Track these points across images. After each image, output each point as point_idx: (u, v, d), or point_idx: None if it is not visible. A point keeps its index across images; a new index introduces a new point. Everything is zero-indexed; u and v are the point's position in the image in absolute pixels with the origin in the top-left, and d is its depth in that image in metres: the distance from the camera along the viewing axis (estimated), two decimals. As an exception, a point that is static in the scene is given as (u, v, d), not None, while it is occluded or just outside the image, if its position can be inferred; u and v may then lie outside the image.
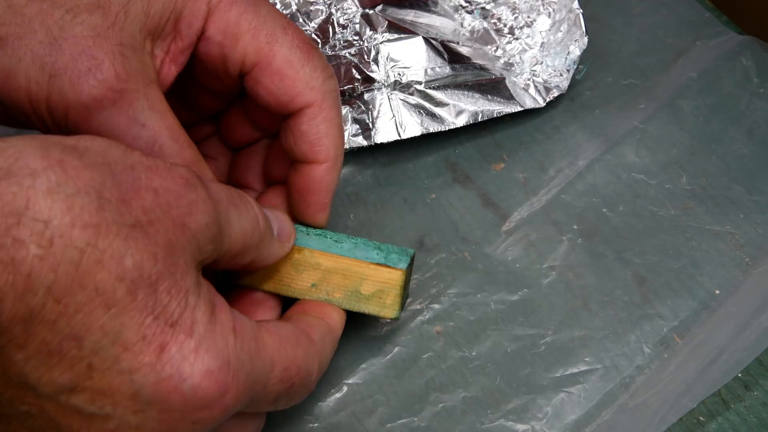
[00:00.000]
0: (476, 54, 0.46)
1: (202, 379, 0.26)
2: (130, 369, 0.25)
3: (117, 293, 0.24)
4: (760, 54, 0.48)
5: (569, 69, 0.46)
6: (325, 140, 0.35)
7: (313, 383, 0.32)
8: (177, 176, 0.27)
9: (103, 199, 0.25)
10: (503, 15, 0.47)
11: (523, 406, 0.37)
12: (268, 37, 0.33)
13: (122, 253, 0.25)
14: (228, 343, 0.27)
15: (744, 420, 0.38)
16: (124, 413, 0.25)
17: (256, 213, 0.31)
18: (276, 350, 0.30)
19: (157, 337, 0.25)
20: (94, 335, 0.24)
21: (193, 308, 0.26)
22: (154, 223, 0.26)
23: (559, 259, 0.41)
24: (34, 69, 0.29)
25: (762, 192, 0.44)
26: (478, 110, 0.45)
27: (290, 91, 0.34)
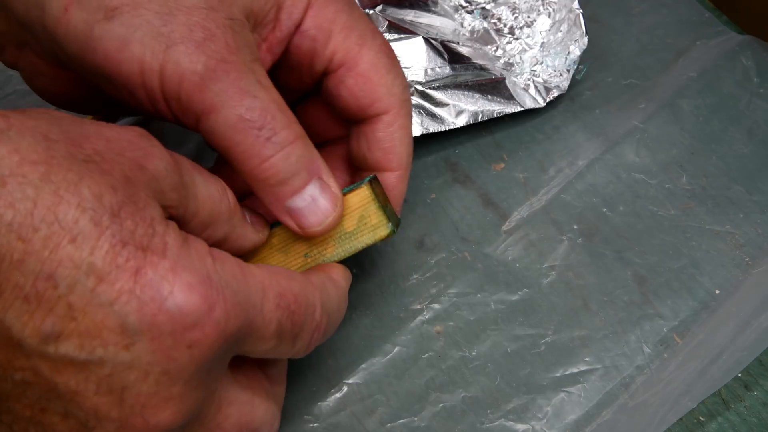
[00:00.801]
0: (476, 54, 0.46)
1: (185, 294, 0.25)
2: (109, 300, 0.24)
3: (80, 223, 0.24)
4: (760, 54, 0.48)
5: (569, 69, 0.46)
6: (399, 148, 0.35)
7: (320, 323, 0.31)
8: (129, 130, 0.27)
9: (50, 141, 0.25)
10: (503, 15, 0.47)
11: (523, 406, 0.37)
12: (358, 39, 0.34)
13: (77, 183, 0.24)
14: (206, 263, 0.26)
15: (744, 420, 0.38)
16: (115, 352, 0.25)
17: (224, 186, 0.30)
18: (266, 278, 0.29)
19: (130, 262, 0.25)
20: (66, 270, 0.24)
21: (162, 234, 0.26)
22: (107, 161, 0.25)
23: (559, 259, 0.41)
24: (149, 38, 0.29)
25: (762, 192, 0.44)
26: (478, 110, 0.45)
27: (372, 95, 0.34)
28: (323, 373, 0.38)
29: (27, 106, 0.45)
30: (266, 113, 0.30)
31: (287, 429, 0.37)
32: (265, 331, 0.28)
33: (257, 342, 0.29)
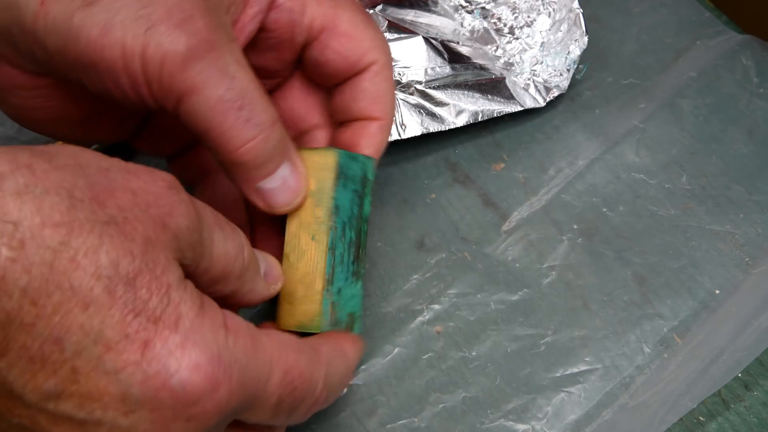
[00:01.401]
0: (476, 54, 0.46)
1: (190, 373, 0.25)
2: (115, 369, 0.24)
3: (94, 291, 0.24)
4: (760, 54, 0.48)
5: (569, 69, 0.46)
6: (385, 98, 0.35)
7: (319, 398, 0.31)
8: (158, 179, 0.27)
9: (74, 199, 0.25)
10: (503, 15, 0.47)
11: (524, 406, 0.37)
12: (331, 2, 0.34)
13: (96, 250, 0.24)
14: (218, 338, 0.26)
15: (744, 420, 0.38)
16: (114, 416, 0.25)
17: (242, 242, 0.30)
18: (275, 352, 0.29)
19: (140, 334, 0.25)
20: (74, 336, 0.24)
21: (177, 303, 0.26)
22: (130, 220, 0.25)
23: (559, 258, 0.41)
24: (130, 21, 0.29)
25: (762, 192, 0.44)
26: (478, 110, 0.45)
27: (359, 50, 0.35)
28: (323, 373, 0.38)
29: (27, 106, 0.45)
30: (246, 94, 0.30)
31: (287, 429, 0.37)
32: (264, 405, 0.29)
33: (254, 414, 0.29)
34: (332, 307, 0.33)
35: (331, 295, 0.33)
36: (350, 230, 0.34)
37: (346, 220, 0.34)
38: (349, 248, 0.34)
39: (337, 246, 0.33)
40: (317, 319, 0.33)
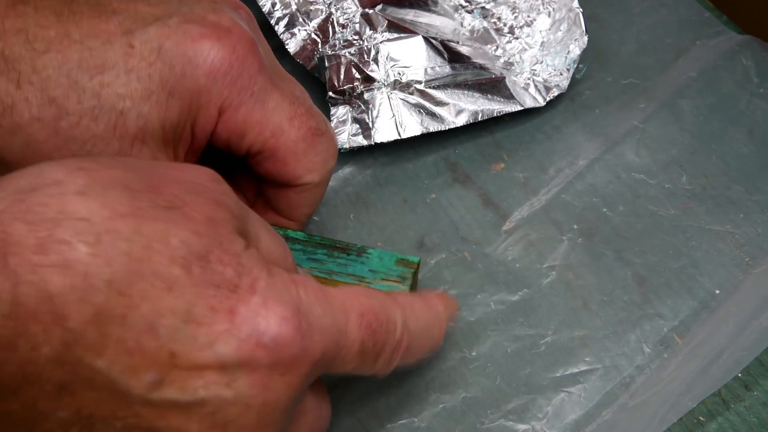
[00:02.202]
0: (476, 53, 0.46)
1: (280, 327, 0.26)
2: (209, 342, 0.25)
3: (174, 273, 0.25)
4: (760, 54, 0.48)
5: (569, 68, 0.46)
6: (305, 210, 0.38)
7: (401, 342, 0.31)
8: (202, 172, 0.28)
9: (132, 191, 0.25)
10: (503, 14, 0.47)
11: (524, 406, 0.37)
12: (272, 132, 0.34)
13: (166, 234, 0.25)
14: (292, 292, 0.27)
15: (744, 420, 0.38)
16: (217, 390, 0.25)
17: (286, 248, 0.31)
18: (346, 298, 0.29)
19: (224, 304, 0.25)
20: (165, 320, 0.24)
21: (250, 269, 0.26)
22: (188, 203, 0.26)
23: (559, 259, 0.41)
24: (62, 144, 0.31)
25: (762, 192, 0.44)
26: (478, 110, 0.45)
27: (290, 175, 0.36)
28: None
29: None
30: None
31: None
32: (349, 352, 0.29)
33: (342, 362, 0.29)
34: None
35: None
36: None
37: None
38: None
39: None
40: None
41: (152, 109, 0.32)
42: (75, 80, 0.31)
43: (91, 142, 0.31)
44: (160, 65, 0.32)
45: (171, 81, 0.32)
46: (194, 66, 0.32)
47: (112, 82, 0.31)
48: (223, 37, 0.33)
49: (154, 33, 0.32)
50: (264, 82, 0.34)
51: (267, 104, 0.34)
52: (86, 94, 0.31)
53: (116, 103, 0.31)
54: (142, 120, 0.32)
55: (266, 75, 0.34)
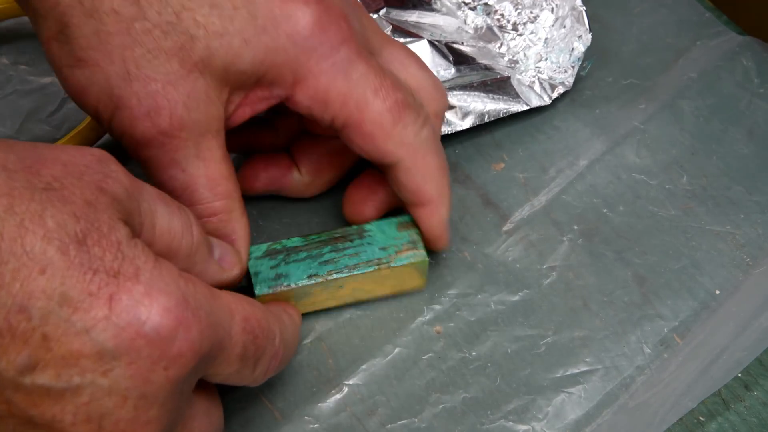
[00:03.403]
0: (481, 53, 0.46)
1: (162, 318, 0.25)
2: (85, 327, 0.24)
3: (48, 254, 0.24)
4: (760, 54, 0.48)
5: (574, 65, 0.46)
6: (425, 187, 0.36)
7: (278, 351, 0.32)
8: (86, 153, 0.28)
9: (8, 171, 0.25)
10: (506, 11, 0.47)
11: (524, 407, 0.37)
12: (357, 103, 0.34)
13: (41, 214, 0.24)
14: (179, 284, 0.27)
15: (744, 420, 0.38)
16: (93, 378, 0.25)
17: (190, 222, 0.31)
18: (232, 301, 0.30)
19: (103, 290, 0.25)
20: (38, 301, 0.24)
21: (132, 258, 0.26)
22: (67, 186, 0.26)
23: (559, 259, 0.41)
24: (103, 95, 0.32)
25: (762, 192, 0.44)
26: (484, 111, 0.45)
27: (380, 150, 0.35)
28: (323, 373, 0.38)
29: (27, 105, 0.45)
30: (186, 188, 0.33)
31: (288, 430, 0.37)
32: (231, 353, 0.29)
33: (223, 364, 0.29)
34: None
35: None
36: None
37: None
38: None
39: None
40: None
41: (221, 47, 0.32)
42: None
43: (154, 53, 0.31)
44: (244, 12, 0.32)
45: (249, 30, 0.32)
46: (276, 24, 0.33)
47: (194, 9, 0.32)
48: (312, 4, 0.33)
49: None
50: (348, 53, 0.34)
51: (351, 75, 0.34)
52: (167, 9, 0.31)
53: (190, 27, 0.32)
54: (208, 53, 0.32)
55: (352, 46, 0.34)
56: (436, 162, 0.36)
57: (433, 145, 0.36)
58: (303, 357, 0.38)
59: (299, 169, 0.41)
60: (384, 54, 0.37)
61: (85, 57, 0.31)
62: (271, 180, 0.41)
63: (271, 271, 0.36)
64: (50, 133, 0.44)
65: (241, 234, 0.35)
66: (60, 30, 0.32)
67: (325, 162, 0.41)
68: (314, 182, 0.41)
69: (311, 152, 0.40)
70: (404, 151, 0.35)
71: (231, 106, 0.34)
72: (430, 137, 0.36)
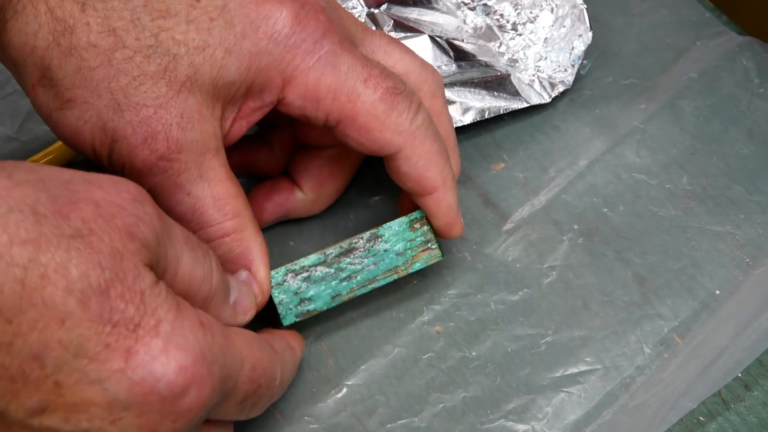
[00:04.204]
0: (481, 51, 0.46)
1: (177, 376, 0.25)
2: (99, 378, 0.25)
3: (68, 305, 0.24)
4: (760, 55, 0.48)
5: (574, 64, 0.46)
6: (428, 173, 0.36)
7: (275, 392, 0.32)
8: (122, 190, 0.27)
9: (38, 215, 0.25)
10: (505, 11, 0.47)
11: (524, 406, 0.37)
12: (348, 96, 0.34)
13: (65, 264, 0.24)
14: (198, 338, 0.27)
15: (744, 420, 0.38)
16: (101, 425, 0.25)
17: (212, 267, 0.30)
18: (244, 348, 0.29)
19: (120, 343, 0.25)
20: (53, 351, 0.24)
21: (154, 309, 0.26)
22: (96, 232, 0.25)
23: (559, 259, 0.41)
24: (97, 131, 0.32)
25: (762, 192, 0.44)
26: (484, 107, 0.45)
27: (378, 141, 0.35)
28: (323, 374, 0.38)
29: (27, 105, 0.45)
30: (194, 211, 0.33)
31: (288, 430, 0.37)
32: (233, 400, 0.29)
33: (221, 409, 0.29)
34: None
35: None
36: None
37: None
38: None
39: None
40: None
41: (205, 61, 0.32)
42: (137, 17, 0.31)
43: (140, 79, 0.31)
44: (221, 22, 0.32)
45: (230, 39, 0.32)
46: (255, 28, 0.32)
47: (171, 28, 0.31)
48: (287, 2, 0.33)
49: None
50: (331, 45, 0.33)
51: (338, 68, 0.34)
52: (145, 33, 0.31)
53: (170, 47, 0.31)
54: (193, 70, 0.32)
55: (334, 39, 0.34)
56: (435, 147, 0.36)
57: (430, 131, 0.36)
58: (303, 357, 0.38)
59: (301, 188, 0.40)
60: (366, 44, 0.37)
61: (72, 96, 0.31)
62: (277, 207, 0.40)
63: (294, 297, 0.36)
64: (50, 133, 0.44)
65: (257, 254, 0.35)
66: (42, 75, 0.31)
67: (325, 174, 0.40)
68: (319, 197, 0.41)
69: (310, 168, 0.40)
70: (402, 139, 0.35)
71: (227, 123, 0.34)
72: (426, 122, 0.35)
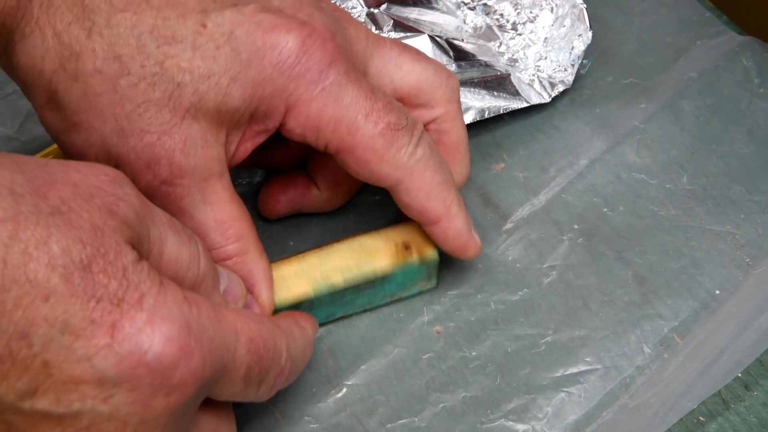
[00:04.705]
0: (480, 51, 0.46)
1: (164, 346, 0.25)
2: (87, 355, 0.24)
3: (51, 281, 0.24)
4: (760, 54, 0.48)
5: (574, 63, 0.46)
6: (429, 204, 0.36)
7: (284, 369, 0.31)
8: (100, 173, 0.27)
9: (15, 194, 0.25)
10: (505, 11, 0.47)
11: (524, 406, 0.37)
12: (349, 129, 0.34)
13: (46, 240, 0.24)
14: (183, 310, 0.27)
15: (744, 420, 0.38)
16: (93, 404, 0.25)
17: (199, 252, 0.30)
18: (238, 321, 0.29)
19: (105, 318, 0.25)
20: (40, 329, 0.24)
21: (137, 283, 0.26)
22: (75, 209, 0.25)
23: (559, 258, 0.41)
24: (102, 154, 0.32)
25: (762, 192, 0.44)
26: (484, 107, 0.45)
27: (376, 174, 0.35)
28: (323, 373, 0.38)
29: (27, 105, 0.45)
30: (197, 233, 0.33)
31: (288, 430, 0.37)
32: (235, 375, 0.29)
33: (226, 385, 0.29)
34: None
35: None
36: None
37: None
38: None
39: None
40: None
41: (210, 89, 0.32)
42: (143, 44, 0.31)
43: (144, 106, 0.31)
44: (227, 50, 0.32)
45: (235, 67, 0.32)
46: (261, 56, 0.32)
47: (177, 55, 0.32)
48: (294, 30, 0.33)
49: (228, 17, 0.32)
50: (337, 76, 0.33)
51: (342, 100, 0.34)
52: (150, 60, 0.31)
53: (176, 75, 0.32)
54: (197, 97, 0.32)
55: (340, 68, 0.34)
56: (437, 178, 0.36)
57: (431, 162, 0.35)
58: (303, 357, 0.38)
59: (318, 186, 0.41)
60: (375, 59, 0.37)
61: (78, 120, 0.32)
62: (292, 201, 0.41)
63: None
64: (50, 133, 0.44)
65: (259, 276, 0.35)
66: (49, 98, 0.32)
67: (341, 176, 0.40)
68: (334, 196, 0.41)
69: (327, 167, 0.40)
70: (400, 173, 0.35)
71: (231, 146, 0.34)
72: (426, 155, 0.35)
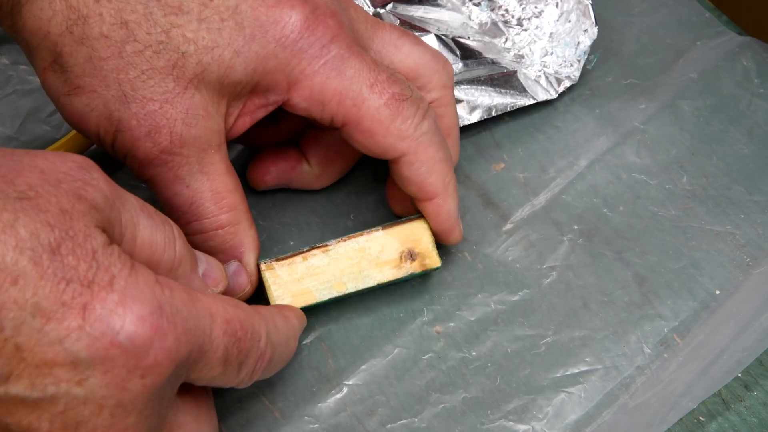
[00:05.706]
0: (486, 48, 0.46)
1: (136, 327, 0.25)
2: (59, 337, 0.24)
3: (20, 264, 0.24)
4: (760, 55, 0.48)
5: (580, 59, 0.46)
6: (429, 179, 0.36)
7: (266, 353, 0.31)
8: (67, 160, 0.28)
9: None
10: (510, 6, 0.47)
11: (524, 407, 0.37)
12: (354, 101, 0.34)
13: (13, 224, 0.24)
14: (155, 292, 0.27)
15: (744, 420, 0.38)
16: (68, 388, 0.25)
17: (174, 236, 0.30)
18: (213, 304, 0.29)
19: (76, 299, 0.25)
20: (10, 312, 0.24)
21: (107, 266, 0.26)
22: (42, 194, 0.26)
23: (559, 259, 0.41)
24: (103, 119, 0.32)
25: (762, 192, 0.44)
26: (491, 105, 0.45)
27: (382, 145, 0.35)
28: (323, 374, 0.38)
29: (27, 105, 0.45)
30: (191, 203, 0.34)
31: (288, 430, 0.37)
32: (212, 357, 0.29)
33: (205, 368, 0.29)
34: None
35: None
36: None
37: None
38: None
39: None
40: None
41: (213, 61, 0.32)
42: (150, 12, 0.32)
43: (148, 73, 0.32)
44: (231, 23, 0.33)
45: (239, 41, 0.33)
46: (264, 31, 0.33)
47: (182, 25, 0.32)
48: (297, 6, 0.33)
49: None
50: (339, 50, 0.34)
51: (345, 72, 0.34)
52: (156, 28, 0.32)
53: (181, 45, 0.32)
54: (201, 68, 0.32)
55: (342, 43, 0.34)
56: (440, 154, 0.36)
57: (436, 137, 0.36)
58: (303, 357, 0.38)
59: (308, 162, 0.41)
60: (376, 41, 0.37)
61: (81, 84, 0.32)
62: (281, 174, 0.41)
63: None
64: (50, 133, 0.44)
65: (249, 246, 0.35)
66: (54, 60, 0.32)
67: (333, 153, 0.41)
68: (324, 174, 0.41)
69: (320, 144, 0.41)
70: (406, 145, 0.35)
71: (230, 118, 0.34)
72: (431, 129, 0.36)
